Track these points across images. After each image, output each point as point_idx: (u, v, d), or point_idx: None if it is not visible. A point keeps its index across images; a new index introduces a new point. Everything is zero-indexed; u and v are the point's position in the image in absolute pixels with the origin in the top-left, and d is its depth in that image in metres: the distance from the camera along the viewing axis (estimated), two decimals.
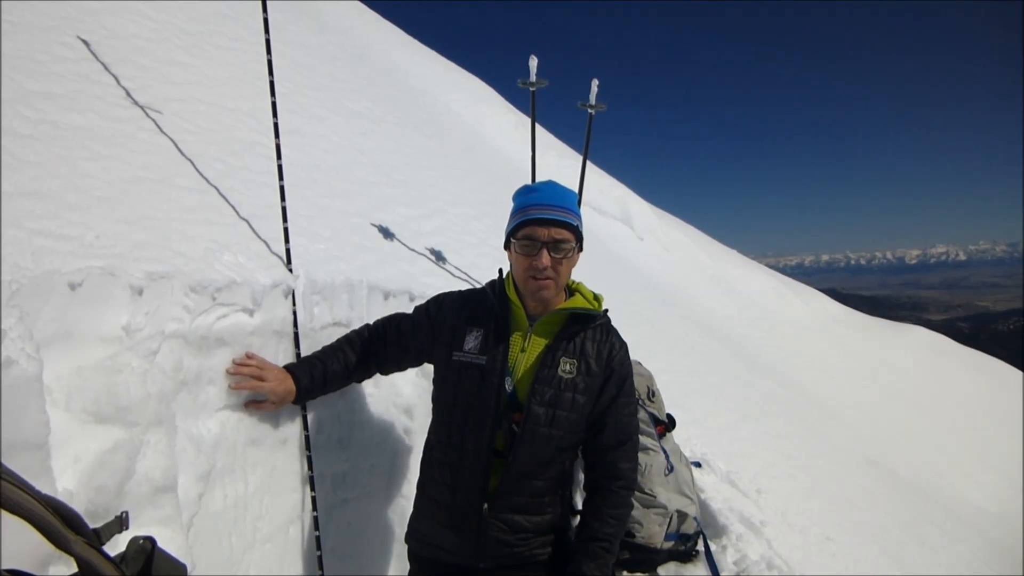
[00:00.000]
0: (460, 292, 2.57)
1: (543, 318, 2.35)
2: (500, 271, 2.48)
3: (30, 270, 1.88)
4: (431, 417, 2.50)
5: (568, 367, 2.29)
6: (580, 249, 2.38)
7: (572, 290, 2.45)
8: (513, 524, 2.29)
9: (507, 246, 2.40)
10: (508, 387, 2.30)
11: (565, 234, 2.27)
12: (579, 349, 2.33)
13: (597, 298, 2.45)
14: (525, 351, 2.33)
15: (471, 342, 2.35)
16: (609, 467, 2.35)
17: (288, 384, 2.46)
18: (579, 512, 2.43)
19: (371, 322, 2.72)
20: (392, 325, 2.63)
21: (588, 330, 2.36)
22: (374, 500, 3.13)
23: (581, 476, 2.67)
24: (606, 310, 2.45)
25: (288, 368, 2.50)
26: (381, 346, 2.60)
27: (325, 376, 2.52)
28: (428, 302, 2.58)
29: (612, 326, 2.46)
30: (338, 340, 2.65)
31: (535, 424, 2.24)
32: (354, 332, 2.68)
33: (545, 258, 2.23)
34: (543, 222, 2.25)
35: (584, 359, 2.32)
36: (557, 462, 2.32)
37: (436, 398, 2.45)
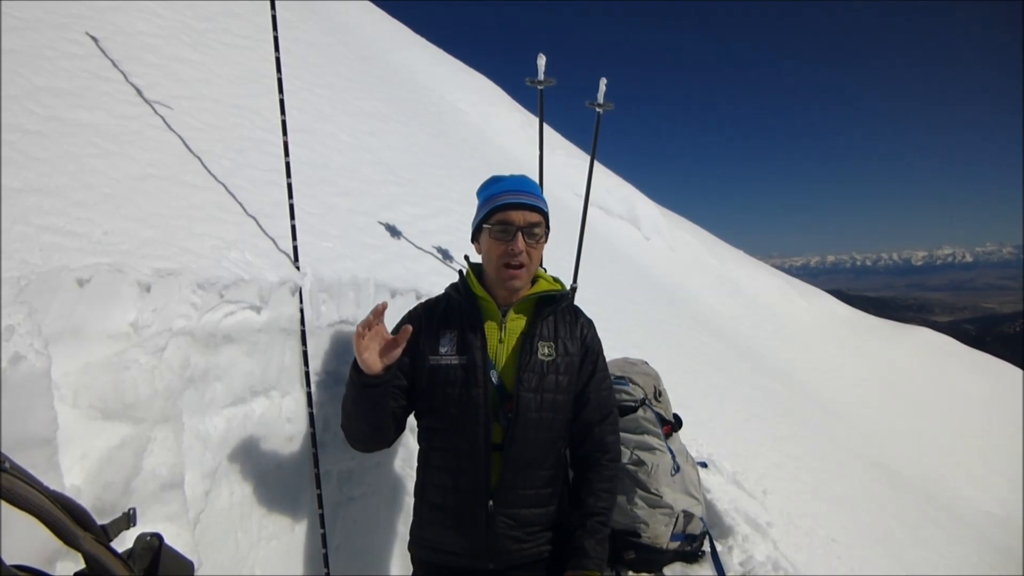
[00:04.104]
0: (422, 303, 2.56)
1: (515, 306, 2.38)
2: (460, 272, 2.48)
3: (38, 266, 1.88)
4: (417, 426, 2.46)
5: (547, 350, 2.34)
6: (547, 238, 2.42)
7: (533, 277, 2.48)
8: (519, 518, 2.29)
9: (475, 238, 2.43)
10: (494, 379, 2.31)
11: (538, 218, 2.33)
12: (553, 332, 2.38)
13: (558, 280, 2.50)
14: (503, 342, 2.36)
15: (446, 344, 2.35)
16: (596, 441, 2.39)
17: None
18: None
19: None
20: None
21: (558, 312, 2.41)
22: (380, 498, 3.13)
23: None
24: (574, 288, 2.49)
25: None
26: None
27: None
28: (397, 325, 2.45)
29: (577, 306, 2.53)
30: None
31: (527, 410, 2.27)
32: None
33: (520, 242, 2.27)
34: (517, 206, 2.30)
35: (560, 341, 2.37)
36: (554, 448, 2.35)
37: (421, 406, 2.40)
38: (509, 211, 2.30)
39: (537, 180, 4.84)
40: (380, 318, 2.15)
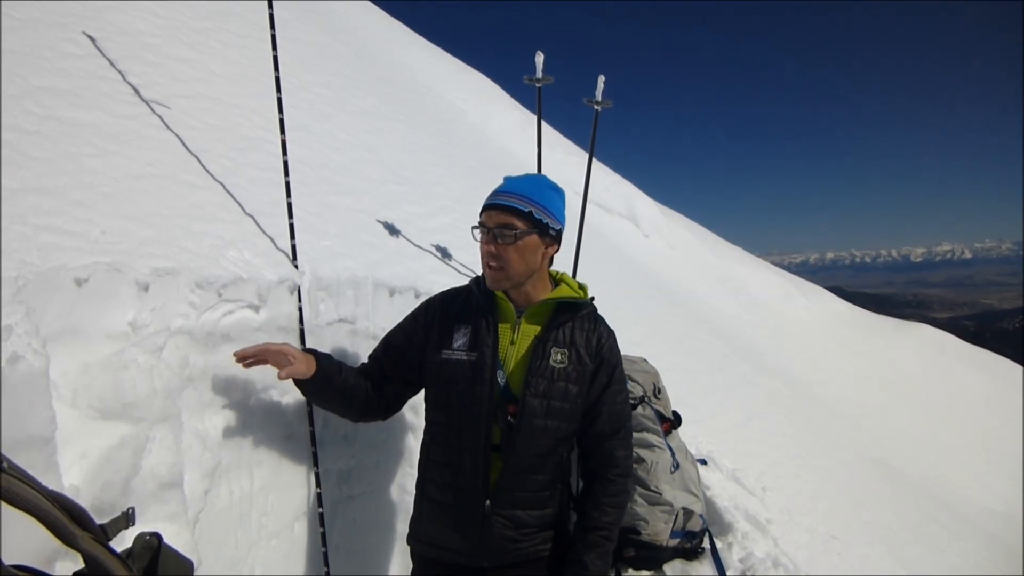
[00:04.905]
0: (443, 292, 2.55)
1: (530, 309, 2.35)
2: None
3: (36, 266, 1.88)
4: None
5: (560, 357, 2.29)
6: (550, 239, 2.34)
7: (557, 280, 2.46)
8: (516, 519, 2.29)
9: None
10: (501, 380, 2.30)
11: (508, 219, 2.25)
12: (569, 339, 2.33)
13: (582, 287, 2.46)
14: (515, 344, 2.33)
15: (460, 339, 2.34)
16: (606, 456, 2.35)
17: (309, 358, 2.36)
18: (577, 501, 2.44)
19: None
20: (381, 347, 2.55)
21: (576, 319, 2.37)
22: (380, 496, 3.13)
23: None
24: (592, 298, 2.46)
25: (307, 350, 2.42)
26: (378, 370, 2.51)
27: (341, 368, 2.41)
28: (415, 310, 2.54)
29: (599, 315, 2.46)
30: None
31: (531, 415, 2.24)
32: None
33: (489, 244, 2.26)
34: (488, 207, 2.30)
35: (574, 348, 2.32)
36: (554, 454, 2.32)
37: (429, 399, 2.43)
38: (484, 212, 2.30)
39: None
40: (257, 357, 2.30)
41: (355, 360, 2.94)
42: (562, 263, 4.40)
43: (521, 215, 2.26)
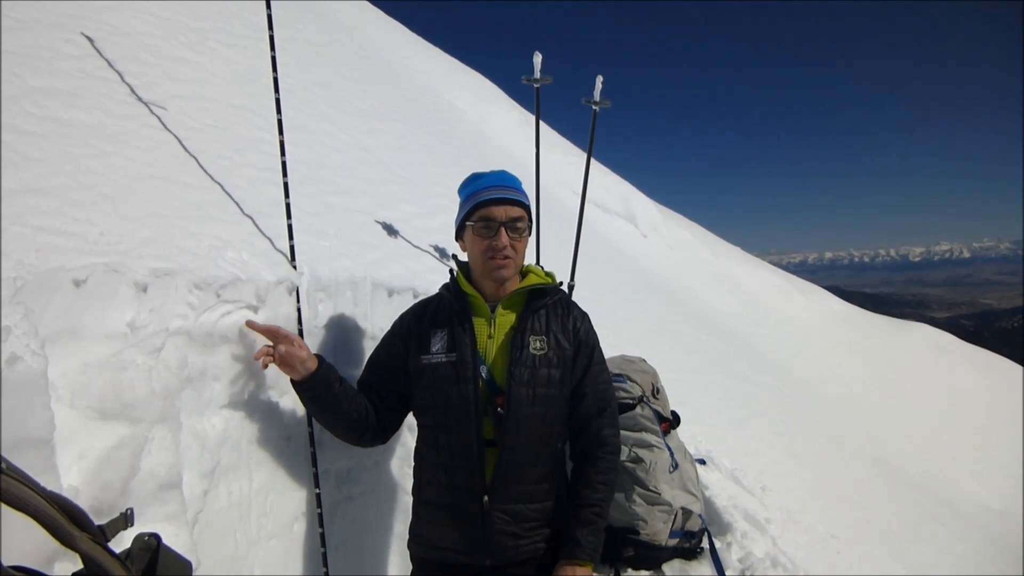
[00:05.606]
0: (414, 304, 2.60)
1: (504, 300, 2.40)
2: (451, 271, 2.52)
3: (35, 267, 1.88)
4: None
5: (538, 344, 2.34)
6: (530, 231, 2.45)
7: (524, 272, 2.50)
8: (516, 514, 2.30)
9: (459, 235, 2.47)
10: (484, 375, 2.33)
11: (520, 212, 2.35)
12: (544, 326, 2.38)
13: (549, 274, 2.51)
14: (492, 337, 2.37)
15: (437, 343, 2.38)
16: (594, 435, 2.39)
17: (312, 356, 2.41)
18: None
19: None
20: (366, 370, 2.59)
21: (549, 307, 2.42)
22: (379, 497, 3.13)
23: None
24: (561, 283, 2.50)
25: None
26: (369, 390, 2.53)
27: (342, 380, 2.44)
28: (391, 327, 2.58)
29: (571, 299, 2.53)
30: None
31: (519, 405, 2.27)
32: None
33: (504, 237, 2.30)
34: (499, 202, 2.33)
35: (552, 334, 2.37)
36: (548, 444, 2.35)
37: (417, 405, 2.46)
38: (491, 207, 2.32)
39: (534, 178, 4.84)
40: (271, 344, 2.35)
41: (354, 358, 2.94)
42: (561, 263, 4.41)
43: (525, 208, 2.37)
